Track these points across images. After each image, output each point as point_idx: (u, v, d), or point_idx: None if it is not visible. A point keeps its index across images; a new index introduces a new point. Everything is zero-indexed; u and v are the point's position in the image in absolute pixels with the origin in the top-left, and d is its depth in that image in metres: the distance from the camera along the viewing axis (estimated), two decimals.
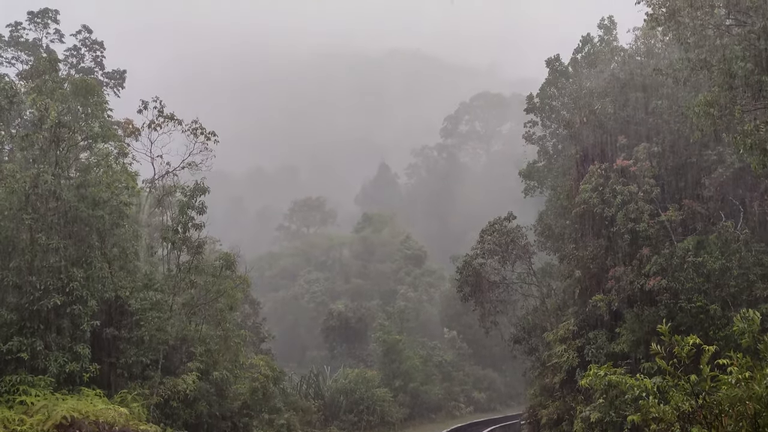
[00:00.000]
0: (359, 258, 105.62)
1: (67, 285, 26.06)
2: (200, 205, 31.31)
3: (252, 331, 53.44)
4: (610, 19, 48.42)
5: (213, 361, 33.54)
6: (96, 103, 30.51)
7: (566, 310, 40.14)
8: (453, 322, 78.81)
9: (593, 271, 35.96)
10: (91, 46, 46.25)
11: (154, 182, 35.05)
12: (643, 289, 31.24)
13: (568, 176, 41.10)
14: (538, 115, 49.01)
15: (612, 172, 33.56)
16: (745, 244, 29.55)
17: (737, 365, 14.23)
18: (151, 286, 30.92)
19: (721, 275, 29.21)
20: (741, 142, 18.53)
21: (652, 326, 30.08)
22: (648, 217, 31.75)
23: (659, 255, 31.11)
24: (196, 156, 33.43)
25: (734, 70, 18.61)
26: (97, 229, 28.14)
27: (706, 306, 29.25)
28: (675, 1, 20.15)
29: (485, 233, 45.16)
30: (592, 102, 37.88)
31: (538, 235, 45.81)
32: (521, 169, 50.20)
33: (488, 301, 45.82)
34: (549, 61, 48.42)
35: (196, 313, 33.23)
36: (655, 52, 39.53)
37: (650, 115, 35.56)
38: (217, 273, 32.88)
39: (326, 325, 79.02)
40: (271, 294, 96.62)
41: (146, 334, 29.24)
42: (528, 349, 45.02)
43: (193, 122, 33.30)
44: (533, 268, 45.58)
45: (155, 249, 35.67)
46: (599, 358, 33.55)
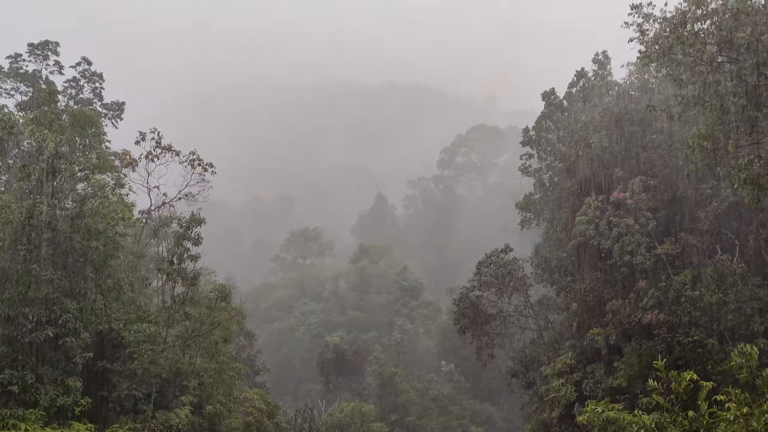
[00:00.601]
0: (355, 289, 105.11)
1: (60, 317, 25.80)
2: (196, 236, 31.22)
3: (246, 363, 52.83)
4: (604, 54, 49.20)
5: (206, 395, 33.04)
6: (94, 135, 30.66)
7: (563, 343, 39.88)
8: (450, 354, 78.08)
9: (590, 304, 35.84)
10: (91, 77, 46.70)
11: (151, 213, 34.99)
12: (640, 322, 31.15)
13: (564, 208, 41.24)
14: (534, 147, 49.40)
15: (608, 205, 33.71)
16: (742, 278, 29.55)
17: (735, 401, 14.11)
18: (145, 318, 30.58)
19: (718, 309, 29.14)
20: (735, 177, 18.66)
21: (650, 360, 29.87)
22: (644, 250, 31.79)
23: (656, 288, 31.09)
24: (193, 187, 33.52)
25: (727, 106, 18.85)
26: (91, 261, 27.98)
27: (703, 340, 29.12)
28: (667, 38, 20.51)
29: (482, 265, 45.07)
30: (587, 135, 38.22)
31: (535, 268, 45.71)
32: (518, 201, 50.38)
33: (485, 334, 45.47)
34: (544, 94, 49.02)
35: (190, 345, 32.85)
36: (649, 86, 40.08)
37: (645, 148, 35.89)
38: (212, 305, 32.63)
39: (322, 358, 78.21)
40: (267, 325, 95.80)
41: (139, 368, 28.81)
42: (525, 383, 44.55)
43: (190, 153, 33.45)
44: (530, 300, 45.39)
45: (150, 280, 35.42)
46: (597, 393, 33.21)
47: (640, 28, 21.69)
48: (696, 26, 22.18)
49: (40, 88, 41.09)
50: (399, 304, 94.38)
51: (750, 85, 18.50)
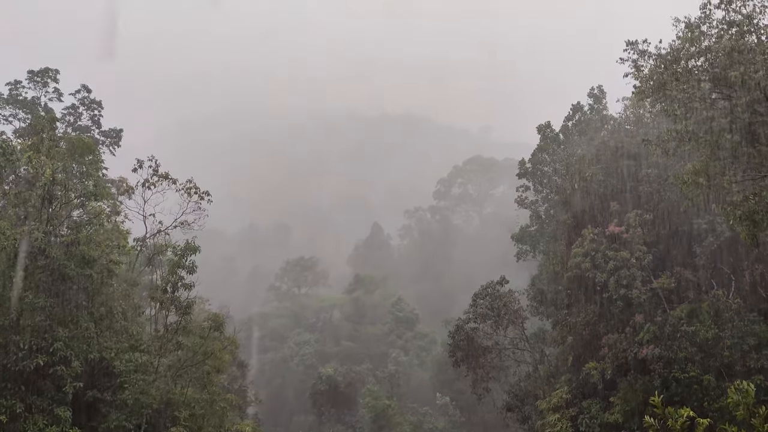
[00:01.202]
0: (350, 320, 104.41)
1: (51, 345, 25.46)
2: (191, 264, 31.02)
3: (239, 394, 52.08)
4: (599, 88, 49.85)
5: (197, 427, 32.40)
6: (91, 162, 30.70)
7: (559, 377, 39.50)
8: (445, 387, 77.18)
9: (586, 338, 35.65)
10: (89, 105, 46.95)
11: (145, 241, 34.82)
12: (636, 357, 30.95)
13: (560, 241, 41.29)
14: (530, 180, 49.68)
15: (604, 238, 33.75)
16: (738, 314, 29.50)
17: None
18: (137, 347, 30.20)
19: (714, 345, 29.02)
20: (731, 213, 18.74)
21: (646, 396, 29.63)
22: (640, 284, 31.78)
23: (652, 323, 30.98)
24: (189, 215, 33.36)
25: (721, 142, 19.02)
26: (84, 288, 27.74)
27: (700, 376, 28.92)
28: (662, 75, 20.79)
29: (478, 297, 44.86)
30: (583, 168, 38.48)
31: (531, 300, 45.55)
32: (514, 233, 50.46)
33: (481, 367, 45.02)
34: (540, 127, 49.47)
35: (182, 375, 32.36)
36: (644, 121, 40.52)
37: (641, 182, 36.10)
38: (205, 334, 32.27)
39: (315, 390, 77.19)
40: (260, 355, 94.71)
41: (130, 398, 28.33)
42: (521, 418, 43.97)
43: (187, 181, 33.41)
44: (526, 333, 45.09)
45: (143, 308, 35.09)
46: (593, 429, 32.87)
47: (635, 64, 22.02)
48: (690, 63, 22.51)
49: (39, 114, 41.30)
50: (394, 335, 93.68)
51: (744, 122, 18.71)
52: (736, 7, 21.12)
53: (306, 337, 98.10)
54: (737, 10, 21.12)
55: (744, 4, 20.46)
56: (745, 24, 19.78)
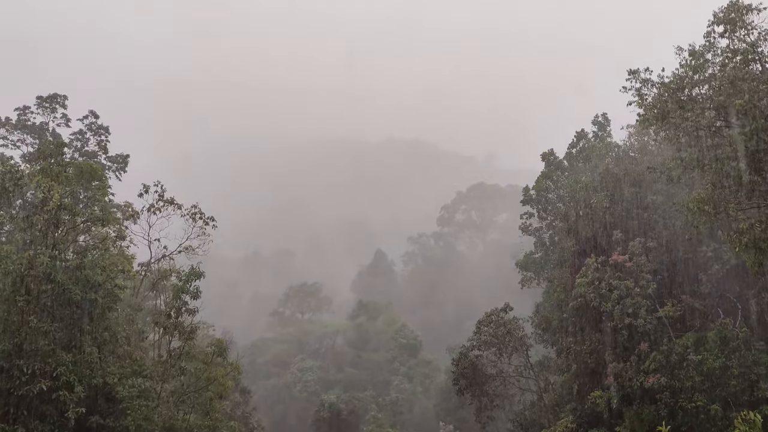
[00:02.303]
0: (353, 346, 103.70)
1: (54, 369, 25.38)
2: (195, 290, 31.03)
3: (241, 421, 51.56)
4: (604, 116, 50.13)
5: None
6: (98, 187, 30.91)
7: (564, 406, 39.04)
8: (449, 415, 76.21)
9: (591, 366, 35.32)
10: (97, 130, 47.39)
11: (150, 266, 34.86)
12: (642, 386, 30.62)
13: (564, 268, 41.17)
14: (534, 206, 49.71)
15: (608, 266, 33.65)
16: (745, 343, 29.24)
17: None
18: (141, 373, 30.04)
19: (721, 374, 28.72)
20: (736, 241, 18.74)
21: (652, 425, 29.25)
22: (645, 313, 31.57)
23: (658, 351, 30.71)
24: (194, 240, 33.48)
25: (727, 170, 19.10)
26: (89, 313, 27.72)
27: (707, 406, 28.58)
28: (666, 103, 20.96)
29: (482, 324, 44.57)
30: (587, 196, 38.54)
31: (536, 327, 45.25)
32: (518, 260, 50.33)
33: (485, 395, 44.51)
34: (544, 154, 49.66)
35: (184, 401, 32.17)
36: (648, 149, 40.68)
37: (645, 210, 36.12)
38: (208, 360, 32.14)
39: (317, 417, 76.42)
40: (263, 381, 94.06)
41: (132, 424, 28.10)
42: None
43: (192, 207, 33.57)
44: (530, 360, 44.67)
45: (147, 333, 34.98)
46: None
47: (639, 92, 22.21)
48: (694, 91, 22.70)
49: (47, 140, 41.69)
50: (397, 362, 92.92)
51: (749, 150, 18.81)
52: (741, 35, 21.38)
53: (309, 364, 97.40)
54: (741, 39, 21.38)
55: (749, 32, 20.71)
56: (750, 52, 20.00)
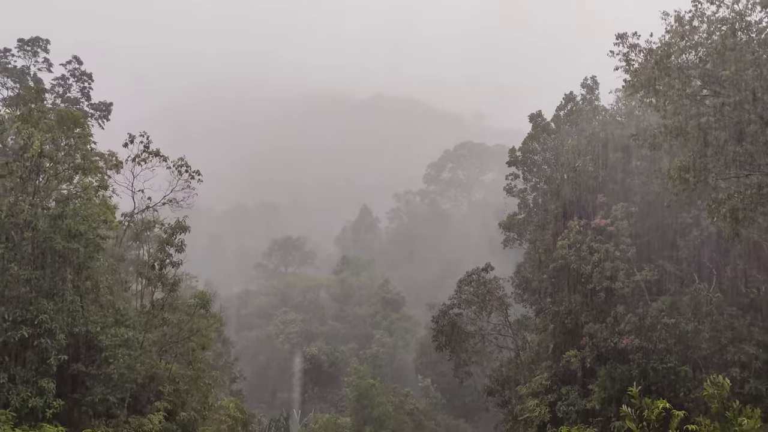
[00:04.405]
0: (336, 300, 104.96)
1: (36, 317, 25.49)
2: (179, 243, 31.03)
3: (223, 370, 52.46)
4: (593, 79, 49.73)
5: (181, 402, 32.73)
6: (80, 135, 30.44)
7: (540, 363, 40.07)
8: (427, 369, 78.01)
9: (568, 326, 36.12)
10: (80, 77, 46.36)
11: (133, 216, 34.70)
12: (616, 347, 31.45)
13: (546, 230, 41.60)
14: (519, 168, 49.73)
15: (590, 230, 34.07)
16: (718, 308, 29.99)
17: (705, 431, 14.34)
18: (123, 323, 30.26)
19: (693, 337, 29.54)
20: (715, 210, 19.04)
21: (624, 384, 30.20)
22: (624, 276, 32.17)
23: (633, 314, 31.44)
24: (178, 193, 33.27)
25: (709, 140, 19.25)
26: (71, 262, 27.69)
27: (677, 367, 29.48)
28: (653, 70, 20.91)
29: (463, 283, 45.20)
30: (573, 159, 38.67)
31: (516, 287, 45.96)
32: (501, 221, 50.65)
33: (463, 351, 45.52)
34: (532, 116, 49.44)
35: (167, 351, 32.56)
36: (635, 113, 40.64)
37: (629, 175, 36.38)
38: (191, 312, 32.40)
39: (299, 368, 77.88)
40: (245, 332, 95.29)
41: (115, 372, 28.49)
42: (501, 402, 44.64)
43: (179, 159, 33.25)
44: (509, 319, 45.56)
45: (129, 284, 35.10)
46: (571, 415, 33.46)
47: (626, 58, 22.10)
48: (680, 58, 22.63)
49: (28, 85, 40.80)
50: (379, 316, 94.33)
51: (732, 121, 18.92)
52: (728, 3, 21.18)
53: (292, 316, 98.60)
54: (729, 6, 21.18)
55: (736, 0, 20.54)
56: (737, 21, 19.89)
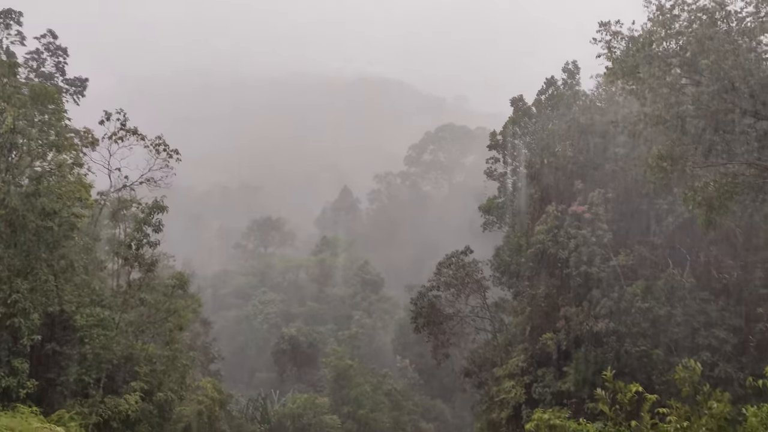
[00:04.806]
0: (316, 281, 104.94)
1: (9, 296, 25.14)
2: (157, 222, 30.70)
3: (201, 351, 52.35)
4: (574, 63, 49.81)
5: (158, 382, 32.62)
6: (54, 111, 29.79)
7: (517, 346, 40.56)
8: (406, 350, 78.64)
9: (545, 310, 36.56)
10: (54, 51, 45.23)
11: (110, 195, 34.16)
12: (591, 330, 31.94)
13: (526, 214, 41.88)
14: (500, 152, 49.88)
15: (567, 216, 34.36)
16: (690, 293, 30.54)
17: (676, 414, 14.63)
18: (99, 302, 30.02)
19: (666, 321, 30.09)
20: (691, 198, 19.28)
21: (598, 367, 30.73)
22: (600, 261, 32.58)
23: (609, 298, 31.91)
24: (156, 172, 32.75)
25: (687, 128, 19.41)
26: (45, 241, 27.27)
27: (650, 351, 30.04)
28: (634, 57, 20.99)
29: (442, 266, 45.44)
30: (553, 144, 38.84)
31: (494, 270, 46.31)
32: (481, 204, 50.86)
33: (441, 333, 45.90)
34: (513, 100, 49.49)
35: (143, 331, 32.37)
36: (615, 99, 40.84)
37: (608, 160, 36.67)
38: (168, 292, 32.17)
39: (277, 348, 78.02)
40: (224, 312, 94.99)
41: (90, 352, 28.29)
42: (477, 383, 45.18)
43: (156, 138, 32.68)
44: (487, 302, 45.97)
45: (105, 263, 34.71)
46: (545, 397, 34.00)
47: (608, 45, 22.14)
48: (661, 46, 22.72)
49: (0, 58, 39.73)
50: (358, 297, 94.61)
51: (711, 110, 19.09)
52: None
53: (271, 297, 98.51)
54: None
55: None
56: (717, 10, 20.00)
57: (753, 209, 26.13)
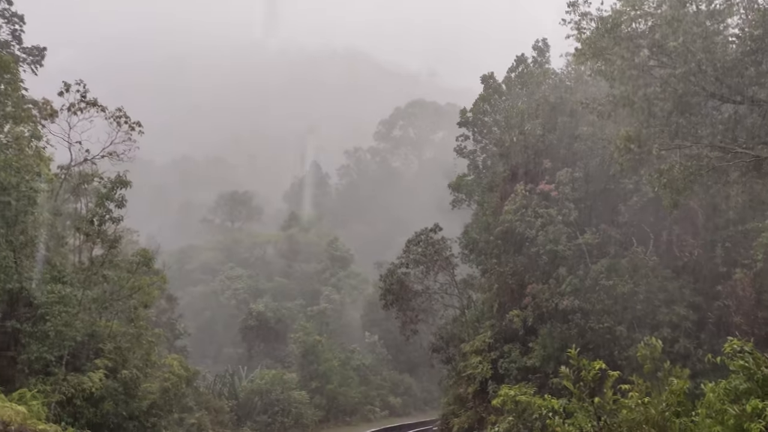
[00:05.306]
0: (284, 257, 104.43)
1: None
2: (120, 198, 30.02)
3: (167, 327, 51.82)
4: (544, 41, 49.81)
5: (123, 359, 32.24)
6: (10, 81, 28.70)
7: (484, 322, 41.04)
8: (374, 326, 79.15)
9: (512, 287, 36.99)
10: (10, 18, 43.39)
11: (70, 169, 33.21)
12: (557, 307, 32.45)
13: (495, 193, 42.07)
14: (470, 129, 49.84)
15: (535, 194, 34.63)
16: (653, 270, 31.17)
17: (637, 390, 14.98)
18: (60, 279, 29.37)
19: (629, 299, 30.71)
20: (657, 180, 19.54)
21: (563, 343, 31.33)
22: (566, 240, 32.99)
23: (574, 275, 32.40)
24: (118, 145, 31.92)
25: (654, 110, 19.59)
26: (3, 216, 26.47)
27: (613, 327, 30.68)
28: (602, 39, 21.01)
29: (411, 243, 45.55)
30: (522, 122, 38.93)
31: (463, 248, 46.61)
32: (451, 182, 50.93)
33: (410, 309, 46.21)
34: (484, 77, 49.33)
35: (107, 308, 31.85)
36: (584, 79, 41.07)
37: (576, 140, 36.94)
38: (132, 269, 31.61)
39: (245, 324, 77.69)
40: (190, 288, 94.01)
41: (52, 329, 27.74)
42: (445, 358, 45.72)
43: (117, 110, 31.77)
44: (455, 279, 46.34)
45: (66, 239, 33.91)
46: (511, 372, 34.58)
47: (578, 26, 22.11)
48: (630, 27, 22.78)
49: None
50: (327, 273, 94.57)
51: (677, 92, 19.27)
52: None
53: (238, 272, 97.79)
54: None
55: None
56: None
57: (715, 190, 26.67)
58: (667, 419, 13.39)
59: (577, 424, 15.01)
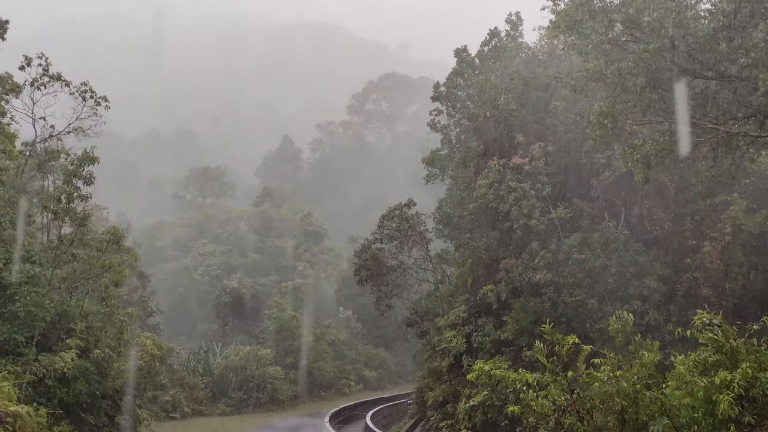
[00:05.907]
0: (257, 233, 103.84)
1: None
2: (88, 175, 29.32)
3: (139, 305, 51.29)
4: (517, 14, 49.53)
5: (95, 339, 31.84)
6: None
7: (458, 296, 41.39)
8: (349, 301, 79.52)
9: (486, 261, 37.25)
10: None
11: (35, 145, 32.27)
12: (530, 281, 32.83)
13: (468, 167, 42.14)
14: (443, 103, 49.63)
15: (508, 169, 34.76)
16: (624, 244, 31.65)
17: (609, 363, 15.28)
18: (29, 258, 28.76)
19: (601, 272, 31.18)
20: (629, 156, 19.72)
21: (535, 316, 31.79)
22: (539, 214, 33.26)
23: (547, 250, 32.77)
24: (84, 121, 31.04)
25: (627, 85, 19.69)
26: None
27: (585, 300, 31.18)
28: (576, 13, 20.93)
29: (385, 218, 45.53)
30: (496, 96, 38.84)
31: (437, 223, 46.77)
32: (425, 157, 50.85)
33: (384, 285, 46.38)
34: (457, 51, 49.03)
35: (77, 288, 31.31)
36: (557, 53, 41.07)
37: (549, 114, 37.04)
38: (103, 247, 31.05)
39: (218, 301, 77.37)
40: (162, 265, 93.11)
41: (21, 310, 27.23)
42: (419, 333, 46.12)
43: (82, 84, 30.81)
44: (430, 254, 46.56)
45: (33, 217, 33.10)
46: (485, 346, 35.02)
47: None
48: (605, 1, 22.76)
49: None
50: (301, 248, 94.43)
51: (650, 68, 19.37)
52: None
53: (211, 248, 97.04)
54: None
55: None
56: None
57: (686, 165, 27.05)
58: (638, 391, 13.66)
59: (550, 397, 15.25)
